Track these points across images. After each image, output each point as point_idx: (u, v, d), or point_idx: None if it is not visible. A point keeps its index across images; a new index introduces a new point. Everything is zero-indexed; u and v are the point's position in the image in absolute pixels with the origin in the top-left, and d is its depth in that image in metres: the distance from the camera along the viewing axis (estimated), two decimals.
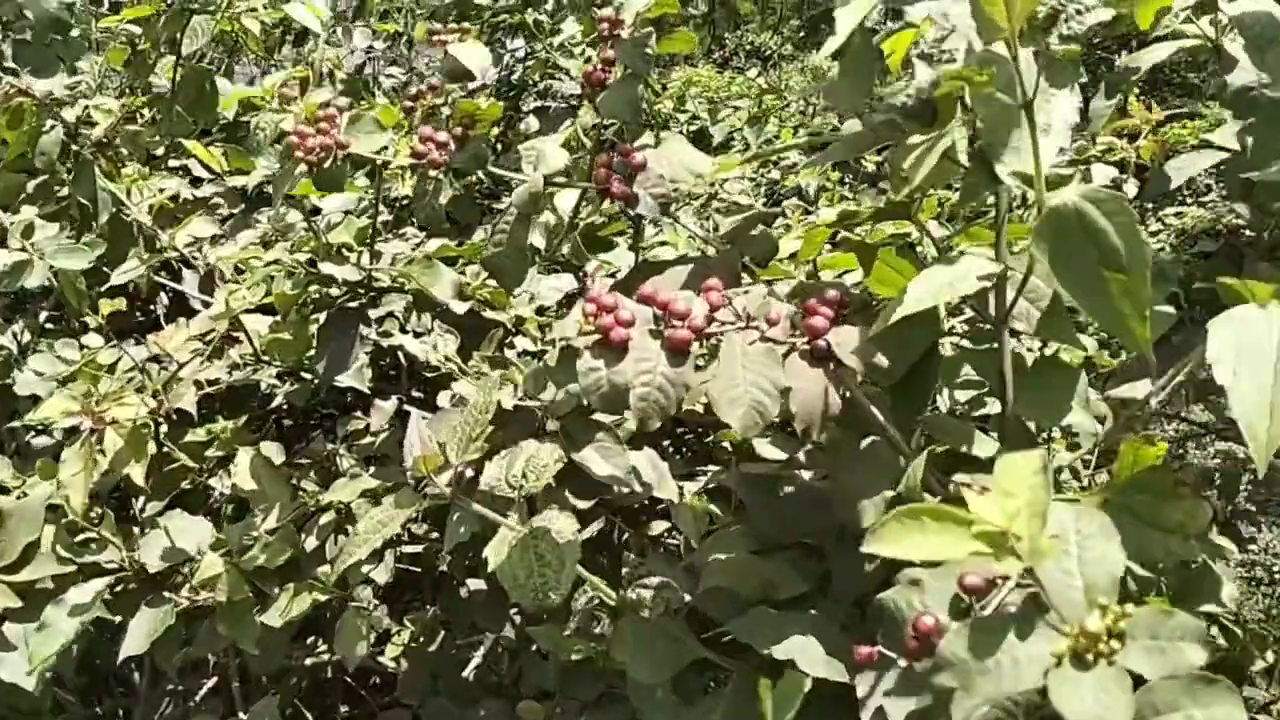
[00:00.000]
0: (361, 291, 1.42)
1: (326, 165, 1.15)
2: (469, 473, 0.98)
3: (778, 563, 1.15)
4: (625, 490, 1.27)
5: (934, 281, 0.92)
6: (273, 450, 1.43)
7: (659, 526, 1.45)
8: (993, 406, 1.18)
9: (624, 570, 1.02)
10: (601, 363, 0.84)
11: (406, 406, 1.63)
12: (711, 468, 1.57)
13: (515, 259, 1.11)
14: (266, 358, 1.59)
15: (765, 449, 1.44)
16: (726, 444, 1.52)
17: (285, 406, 1.69)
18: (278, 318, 1.54)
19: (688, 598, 1.02)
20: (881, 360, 0.95)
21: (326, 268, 1.31)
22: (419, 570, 1.64)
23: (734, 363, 0.86)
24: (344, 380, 1.54)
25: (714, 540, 1.25)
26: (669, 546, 1.50)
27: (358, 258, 1.35)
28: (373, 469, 1.43)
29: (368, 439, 1.49)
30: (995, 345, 1.04)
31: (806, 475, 1.28)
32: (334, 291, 1.43)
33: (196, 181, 2.05)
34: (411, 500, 0.92)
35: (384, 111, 1.27)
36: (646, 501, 1.37)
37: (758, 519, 1.22)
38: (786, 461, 1.27)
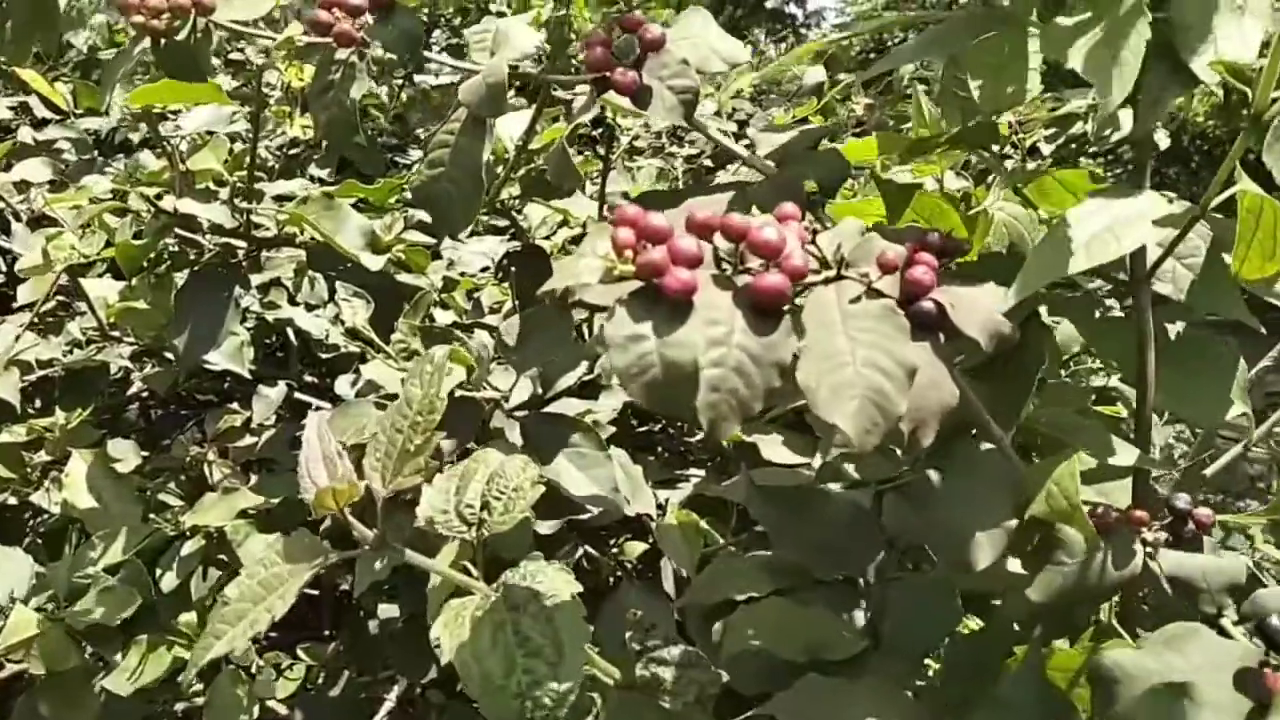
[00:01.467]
0: (238, 245, 1.07)
1: (179, 35, 0.78)
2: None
3: (821, 612, 0.86)
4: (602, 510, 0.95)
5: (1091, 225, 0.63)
6: (124, 452, 1.08)
7: (634, 549, 1.12)
8: None
9: (628, 635, 0.69)
10: (648, 326, 0.50)
11: (299, 395, 1.30)
12: (692, 472, 1.26)
13: (464, 186, 0.76)
14: (117, 333, 1.23)
15: (772, 450, 1.14)
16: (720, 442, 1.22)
17: (146, 396, 1.33)
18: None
19: (725, 676, 0.70)
20: (1009, 330, 0.65)
21: (185, 205, 0.95)
22: (314, 590, 1.32)
23: (833, 330, 0.54)
24: (216, 361, 1.19)
25: (718, 574, 0.95)
26: (640, 572, 1.18)
27: (230, 194, 0.99)
28: (255, 479, 1.09)
29: (248, 439, 1.14)
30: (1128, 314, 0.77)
31: (836, 486, 0.98)
32: (204, 245, 1.07)
33: (41, 124, 1.70)
34: (312, 552, 0.58)
35: None
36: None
37: (783, 545, 0.92)
38: (822, 470, 0.96)
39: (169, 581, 1.00)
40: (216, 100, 0.99)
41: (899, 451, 0.86)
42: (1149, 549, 0.72)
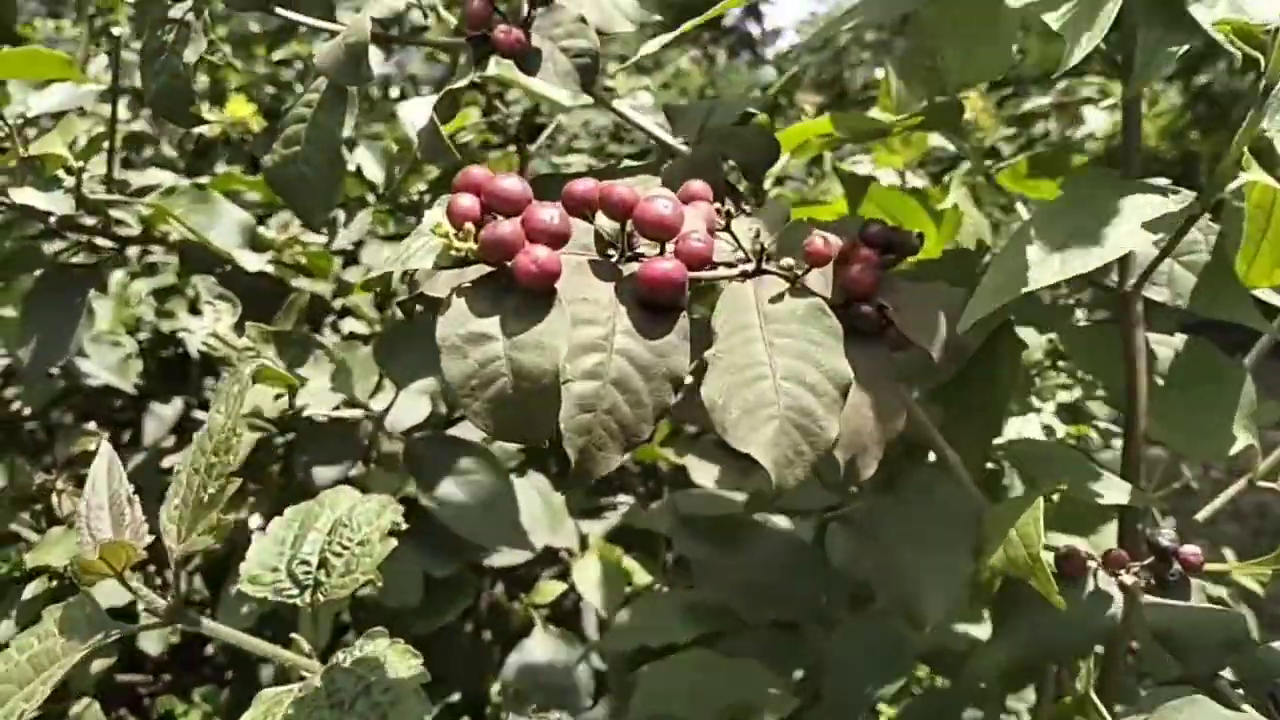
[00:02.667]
0: (100, 244, 0.94)
1: None
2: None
3: (749, 665, 0.75)
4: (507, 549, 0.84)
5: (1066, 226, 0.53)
6: None
7: (552, 590, 1.01)
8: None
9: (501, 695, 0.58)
10: (494, 322, 0.39)
11: (197, 412, 1.17)
12: (622, 499, 1.15)
13: (322, 165, 0.64)
14: None
15: (703, 473, 1.03)
16: (646, 463, 1.10)
17: (23, 414, 1.20)
18: None
19: None
20: (967, 340, 0.56)
21: (21, 195, 0.82)
22: None
23: (749, 335, 0.43)
24: (95, 375, 1.07)
25: (637, 616, 0.85)
26: (564, 614, 1.06)
27: (77, 182, 0.86)
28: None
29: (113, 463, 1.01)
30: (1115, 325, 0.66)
31: (779, 519, 0.87)
32: (58, 245, 0.95)
33: None
34: (90, 626, 0.45)
35: None
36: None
37: (708, 584, 0.81)
38: (753, 499, 0.85)
39: (5, 631, 0.88)
40: (69, 76, 0.87)
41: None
42: (1128, 594, 0.61)
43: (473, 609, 1.05)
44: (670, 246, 0.42)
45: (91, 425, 1.01)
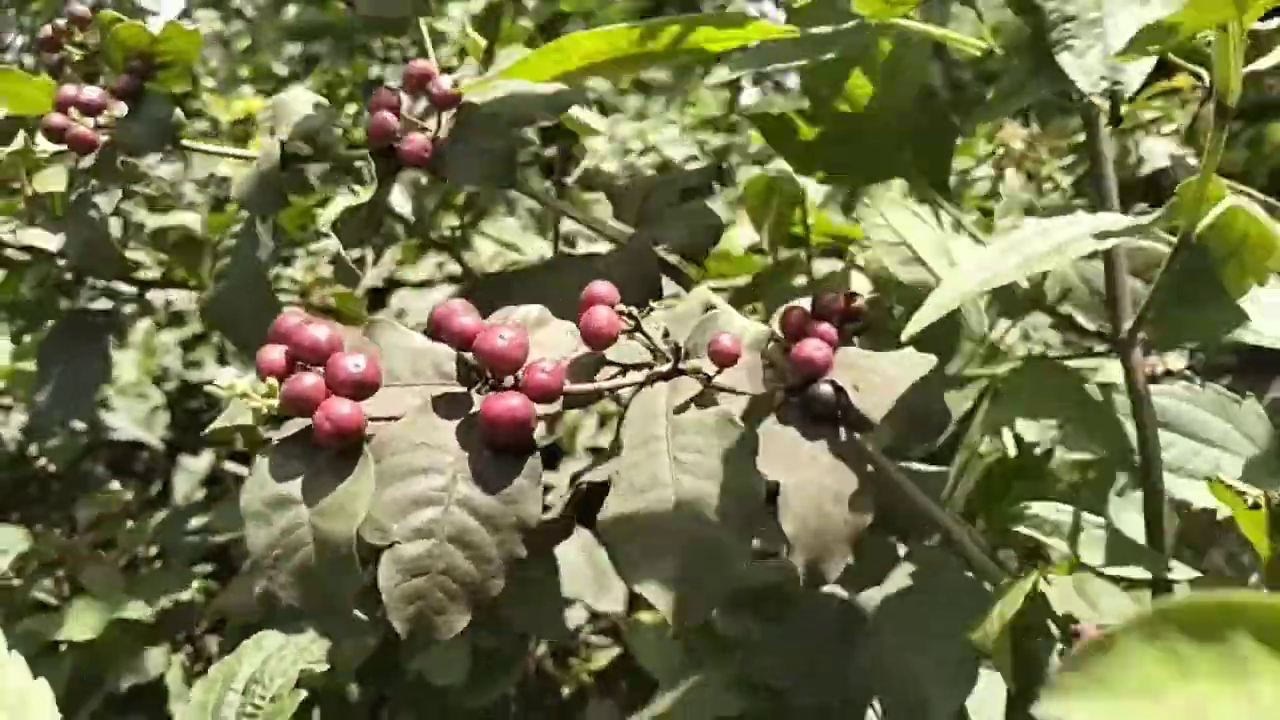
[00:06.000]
0: (116, 288, 0.95)
1: None
2: None
3: None
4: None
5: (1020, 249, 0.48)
6: (10, 541, 0.97)
7: (604, 657, 0.99)
8: None
9: None
10: (297, 484, 0.37)
11: (228, 464, 1.18)
12: None
13: (247, 293, 0.65)
14: (8, 400, 1.13)
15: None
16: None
17: (48, 471, 1.22)
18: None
19: None
20: (942, 411, 0.52)
21: (29, 236, 0.83)
22: None
23: (654, 450, 0.41)
24: (119, 429, 1.08)
25: (686, 691, 0.82)
26: (612, 683, 1.04)
27: None
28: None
29: (145, 517, 1.01)
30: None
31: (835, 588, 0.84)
32: (78, 293, 0.96)
33: None
34: None
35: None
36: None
37: (753, 664, 0.77)
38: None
39: None
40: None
41: None
42: None
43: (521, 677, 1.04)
44: (515, 375, 0.40)
45: (115, 485, 1.02)
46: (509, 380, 0.40)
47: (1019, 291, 0.72)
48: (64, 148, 0.67)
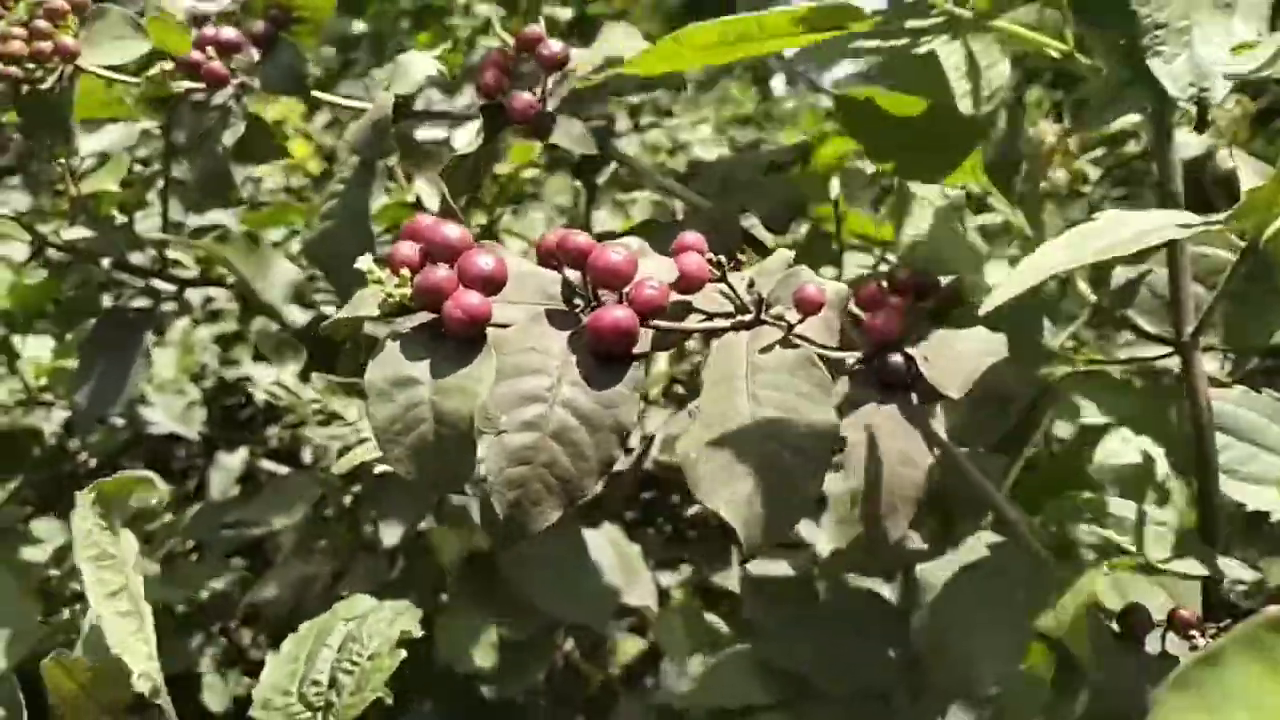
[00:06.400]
0: (159, 287, 0.97)
1: (45, 84, 0.70)
2: None
3: None
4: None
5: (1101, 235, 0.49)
6: (50, 532, 0.99)
7: (631, 647, 1.00)
8: None
9: None
10: (424, 365, 0.40)
11: (264, 462, 1.20)
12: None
13: (352, 234, 0.68)
14: (50, 396, 1.15)
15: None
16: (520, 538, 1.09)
17: (95, 466, 1.24)
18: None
19: None
20: (1012, 389, 0.54)
21: (71, 233, 0.85)
22: None
23: (734, 387, 0.43)
24: (158, 424, 1.10)
25: (715, 675, 0.83)
26: (636, 675, 1.05)
27: (129, 220, 0.89)
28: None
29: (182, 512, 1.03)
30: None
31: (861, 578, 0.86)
32: (118, 292, 0.98)
33: None
34: None
35: None
36: None
37: (778, 653, 0.79)
38: (834, 556, 0.84)
39: None
40: (121, 114, 0.89)
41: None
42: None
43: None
44: (623, 292, 0.42)
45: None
46: (612, 299, 0.43)
47: (1074, 293, 0.74)
48: (190, 86, 0.73)
